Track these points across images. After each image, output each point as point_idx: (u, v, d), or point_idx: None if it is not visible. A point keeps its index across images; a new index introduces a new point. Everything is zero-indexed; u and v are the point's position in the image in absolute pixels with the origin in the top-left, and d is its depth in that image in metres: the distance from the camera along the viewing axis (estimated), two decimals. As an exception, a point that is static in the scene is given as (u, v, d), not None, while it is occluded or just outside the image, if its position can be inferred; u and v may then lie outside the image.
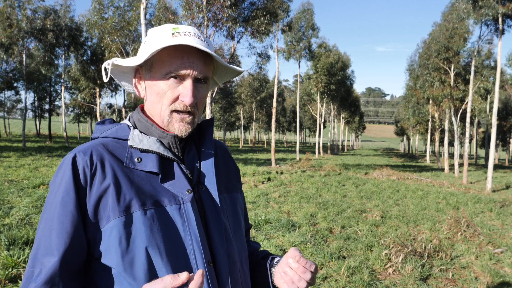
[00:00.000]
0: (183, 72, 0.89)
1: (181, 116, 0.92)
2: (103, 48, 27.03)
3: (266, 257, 1.10)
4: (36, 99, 41.54)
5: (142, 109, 1.00)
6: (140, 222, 0.82)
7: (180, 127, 0.92)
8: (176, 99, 0.91)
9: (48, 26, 26.32)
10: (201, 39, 0.92)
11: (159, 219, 0.84)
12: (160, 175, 0.89)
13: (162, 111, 0.92)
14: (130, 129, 0.95)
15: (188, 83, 0.90)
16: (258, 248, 1.19)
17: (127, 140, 0.93)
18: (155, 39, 0.91)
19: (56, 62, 30.00)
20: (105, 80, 0.97)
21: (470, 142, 43.56)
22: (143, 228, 0.82)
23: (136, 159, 0.89)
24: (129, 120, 1.00)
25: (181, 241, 0.85)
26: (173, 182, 0.90)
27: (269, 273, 1.03)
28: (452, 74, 23.85)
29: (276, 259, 1.05)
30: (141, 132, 0.94)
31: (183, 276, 0.74)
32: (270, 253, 1.12)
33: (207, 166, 0.97)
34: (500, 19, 15.94)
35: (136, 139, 0.91)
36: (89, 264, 0.87)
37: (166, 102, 0.91)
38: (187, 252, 0.85)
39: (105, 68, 0.98)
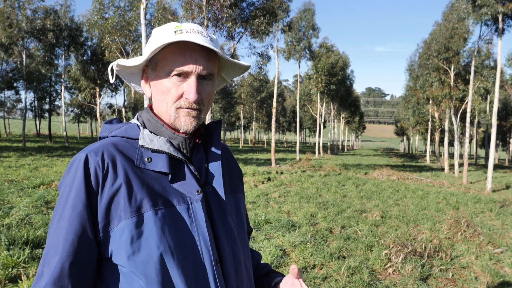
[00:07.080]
0: (186, 69, 0.89)
1: (188, 110, 0.91)
2: (103, 48, 27.04)
3: (268, 274, 1.14)
4: (36, 99, 41.55)
5: (152, 109, 1.00)
6: (151, 222, 0.83)
7: (186, 120, 0.92)
8: (181, 96, 0.91)
9: (48, 26, 26.33)
10: (205, 36, 0.91)
11: (170, 219, 0.85)
12: (170, 176, 0.89)
13: (168, 108, 0.92)
14: (139, 128, 0.95)
15: (192, 80, 0.90)
16: (260, 259, 1.21)
17: (137, 139, 0.93)
18: (158, 38, 0.91)
19: (56, 62, 30.04)
20: (111, 81, 0.97)
21: (470, 142, 43.55)
22: (154, 228, 0.82)
23: (146, 159, 0.89)
24: (137, 119, 1.00)
25: (189, 240, 0.86)
26: (183, 183, 0.90)
27: None
28: (452, 74, 23.85)
29: (279, 278, 1.10)
30: (150, 132, 0.94)
31: None
32: (272, 270, 1.16)
33: (215, 167, 0.98)
34: (500, 19, 15.94)
35: (147, 139, 0.91)
36: (99, 265, 0.87)
37: (171, 99, 0.91)
38: (196, 252, 0.86)
39: (111, 70, 0.98)
